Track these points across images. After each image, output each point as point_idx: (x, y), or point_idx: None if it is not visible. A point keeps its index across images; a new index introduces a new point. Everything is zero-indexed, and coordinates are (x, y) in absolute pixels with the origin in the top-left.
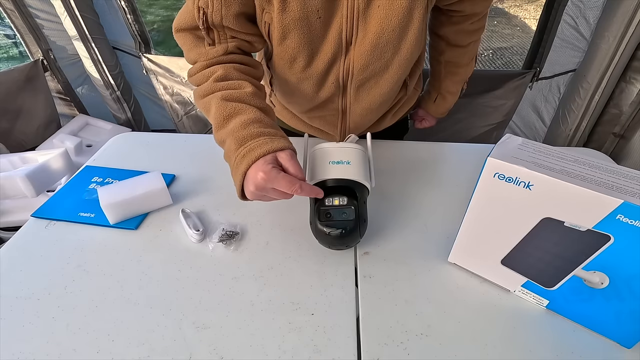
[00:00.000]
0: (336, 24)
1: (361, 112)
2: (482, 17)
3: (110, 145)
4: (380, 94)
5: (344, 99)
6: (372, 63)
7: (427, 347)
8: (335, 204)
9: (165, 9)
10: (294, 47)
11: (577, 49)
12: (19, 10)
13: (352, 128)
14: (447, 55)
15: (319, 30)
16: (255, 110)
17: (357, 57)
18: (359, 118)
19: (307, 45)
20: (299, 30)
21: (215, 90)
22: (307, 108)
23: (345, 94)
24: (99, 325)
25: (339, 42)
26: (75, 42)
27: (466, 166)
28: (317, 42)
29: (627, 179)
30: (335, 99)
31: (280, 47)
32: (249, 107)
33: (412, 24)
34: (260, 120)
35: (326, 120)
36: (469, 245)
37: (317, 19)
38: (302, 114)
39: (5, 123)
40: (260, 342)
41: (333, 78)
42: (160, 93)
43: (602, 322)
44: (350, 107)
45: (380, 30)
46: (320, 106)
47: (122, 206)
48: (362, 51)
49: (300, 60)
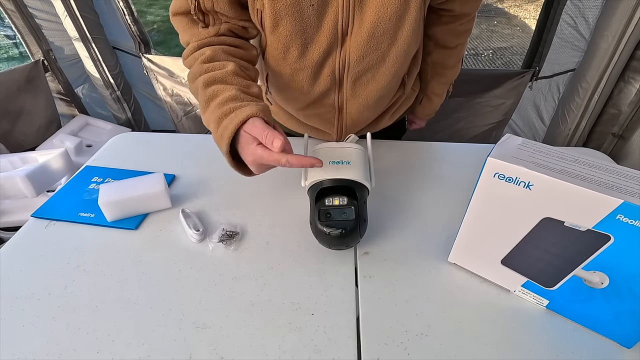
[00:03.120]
0: (331, 14)
1: (358, 109)
2: (471, 19)
3: (110, 145)
4: (377, 89)
5: (340, 94)
6: (368, 54)
7: (427, 347)
8: (335, 204)
9: (165, 9)
10: (286, 35)
11: (576, 48)
12: (19, 11)
13: (348, 126)
14: (434, 56)
15: (312, 18)
16: (231, 88)
17: (354, 48)
18: (355, 115)
19: (300, 33)
20: (290, 17)
21: (201, 72)
22: (303, 104)
23: (341, 88)
24: (99, 325)
25: (335, 33)
26: (75, 43)
27: (466, 166)
28: (311, 31)
29: (627, 179)
30: (331, 94)
31: (273, 35)
32: (227, 86)
33: (409, 13)
34: (234, 98)
35: (322, 117)
36: (469, 245)
37: (310, 7)
38: (297, 112)
39: (6, 124)
40: (260, 342)
41: (328, 70)
42: (160, 93)
43: (602, 322)
44: (346, 103)
45: (376, 20)
46: (316, 102)
47: (119, 205)
48: (359, 41)
49: (294, 49)
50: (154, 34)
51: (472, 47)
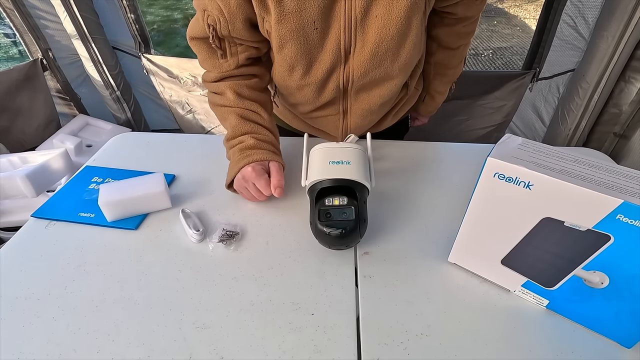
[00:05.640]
0: (334, 35)
1: (362, 113)
2: (474, 21)
3: (110, 145)
4: (380, 96)
5: (344, 101)
6: (371, 70)
7: (427, 347)
8: (335, 204)
9: (165, 9)
10: (291, 57)
11: (576, 48)
12: (18, 10)
13: (353, 128)
14: (437, 56)
15: (316, 40)
16: (267, 132)
17: (357, 65)
18: (360, 118)
19: (304, 54)
20: (295, 40)
21: (232, 105)
22: (309, 110)
23: (345, 96)
24: (99, 325)
25: (338, 52)
26: (74, 42)
27: (466, 166)
28: (315, 52)
29: (627, 178)
30: (336, 102)
31: (279, 55)
32: (263, 129)
33: (411, 32)
34: (269, 141)
35: (327, 120)
36: (469, 245)
37: (314, 30)
38: (303, 115)
39: (5, 121)
40: (260, 342)
41: (333, 85)
42: (161, 93)
43: (602, 322)
44: (351, 108)
45: (379, 40)
46: (322, 108)
47: (119, 205)
48: (362, 60)
49: (299, 69)
50: (154, 34)
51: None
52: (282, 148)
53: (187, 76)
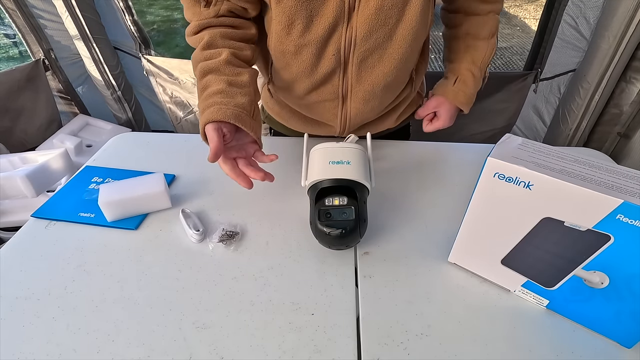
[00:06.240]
0: None
1: (364, 96)
2: None
3: (110, 145)
4: (383, 74)
5: (344, 78)
6: (375, 30)
7: (427, 347)
8: (335, 204)
9: (165, 9)
10: (291, 7)
11: (577, 49)
12: (20, 10)
13: (353, 118)
14: (465, 26)
15: None
16: (220, 81)
17: (360, 22)
18: (361, 103)
19: (305, 4)
20: None
21: (199, 60)
22: (306, 88)
23: (346, 72)
24: (99, 325)
25: (341, 7)
26: (76, 42)
27: (466, 166)
28: (317, 3)
29: (627, 179)
30: (335, 78)
31: (278, 7)
32: (218, 77)
33: None
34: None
35: (325, 107)
36: (469, 245)
37: None
38: (300, 101)
39: (7, 122)
40: (260, 342)
41: (333, 49)
42: (160, 95)
43: (602, 322)
44: (351, 91)
45: None
46: (319, 86)
47: (119, 205)
48: (366, 16)
49: (299, 23)
50: (154, 34)
51: None
52: (282, 148)
53: (188, 78)
